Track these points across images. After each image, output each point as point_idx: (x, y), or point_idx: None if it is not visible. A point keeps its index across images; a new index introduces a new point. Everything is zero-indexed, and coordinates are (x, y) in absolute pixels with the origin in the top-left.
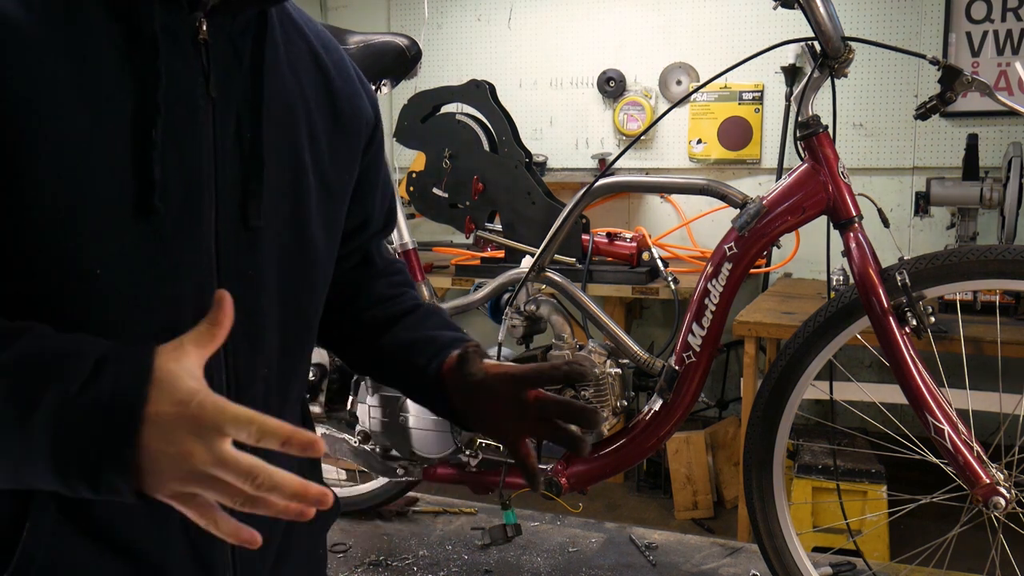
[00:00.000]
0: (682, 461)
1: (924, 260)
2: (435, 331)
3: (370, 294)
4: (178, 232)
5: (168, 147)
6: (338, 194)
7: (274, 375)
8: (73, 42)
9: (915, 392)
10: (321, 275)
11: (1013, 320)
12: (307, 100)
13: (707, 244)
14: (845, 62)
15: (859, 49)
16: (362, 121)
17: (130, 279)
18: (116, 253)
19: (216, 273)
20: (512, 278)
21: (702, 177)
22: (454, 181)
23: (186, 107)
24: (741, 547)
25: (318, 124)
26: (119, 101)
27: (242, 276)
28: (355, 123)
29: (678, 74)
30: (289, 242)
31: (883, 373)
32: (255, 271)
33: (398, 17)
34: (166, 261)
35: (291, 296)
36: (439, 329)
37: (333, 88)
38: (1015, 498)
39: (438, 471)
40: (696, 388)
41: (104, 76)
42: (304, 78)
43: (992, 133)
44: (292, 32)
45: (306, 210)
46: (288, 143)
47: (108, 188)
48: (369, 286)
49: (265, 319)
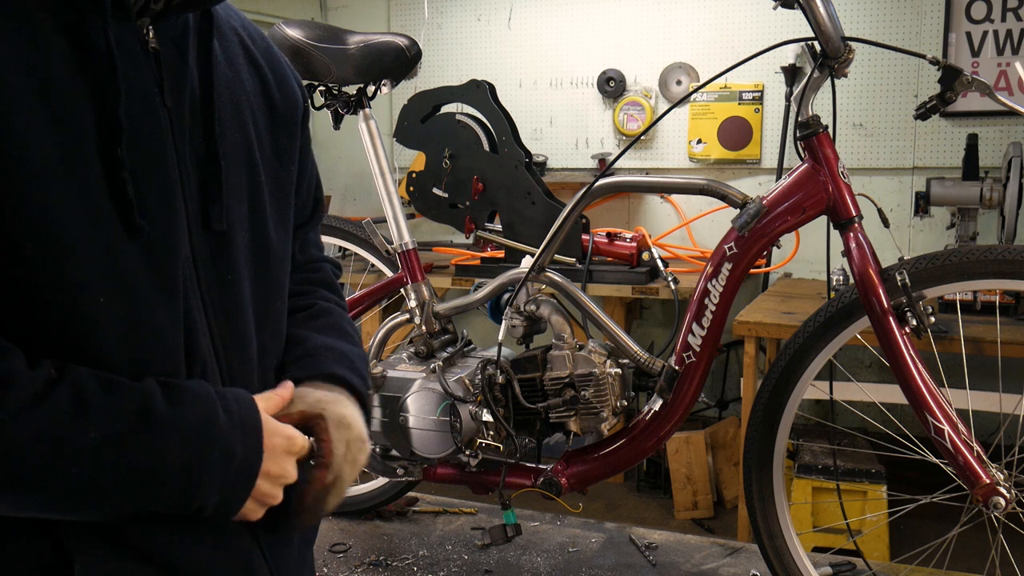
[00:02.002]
0: (682, 461)
1: (924, 260)
2: (307, 332)
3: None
4: (163, 246)
5: (137, 163)
6: (286, 188)
7: (257, 376)
8: (32, 61)
9: (915, 392)
10: (284, 273)
11: (1013, 320)
12: (248, 95)
13: (707, 244)
14: (845, 62)
15: (859, 49)
16: (297, 109)
17: (127, 299)
18: (112, 274)
19: (197, 282)
20: (512, 278)
21: (702, 177)
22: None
23: (148, 120)
24: (741, 547)
25: (260, 119)
26: (83, 120)
27: (221, 282)
28: (290, 112)
29: (678, 74)
30: (252, 243)
31: (883, 373)
32: (232, 276)
33: (398, 17)
34: (156, 275)
35: (263, 297)
36: (315, 332)
37: (266, 79)
38: (1015, 498)
39: (438, 471)
40: (696, 388)
41: (65, 95)
42: (242, 72)
43: (992, 133)
44: (224, 26)
45: (263, 209)
46: (240, 142)
47: (89, 211)
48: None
49: (245, 321)
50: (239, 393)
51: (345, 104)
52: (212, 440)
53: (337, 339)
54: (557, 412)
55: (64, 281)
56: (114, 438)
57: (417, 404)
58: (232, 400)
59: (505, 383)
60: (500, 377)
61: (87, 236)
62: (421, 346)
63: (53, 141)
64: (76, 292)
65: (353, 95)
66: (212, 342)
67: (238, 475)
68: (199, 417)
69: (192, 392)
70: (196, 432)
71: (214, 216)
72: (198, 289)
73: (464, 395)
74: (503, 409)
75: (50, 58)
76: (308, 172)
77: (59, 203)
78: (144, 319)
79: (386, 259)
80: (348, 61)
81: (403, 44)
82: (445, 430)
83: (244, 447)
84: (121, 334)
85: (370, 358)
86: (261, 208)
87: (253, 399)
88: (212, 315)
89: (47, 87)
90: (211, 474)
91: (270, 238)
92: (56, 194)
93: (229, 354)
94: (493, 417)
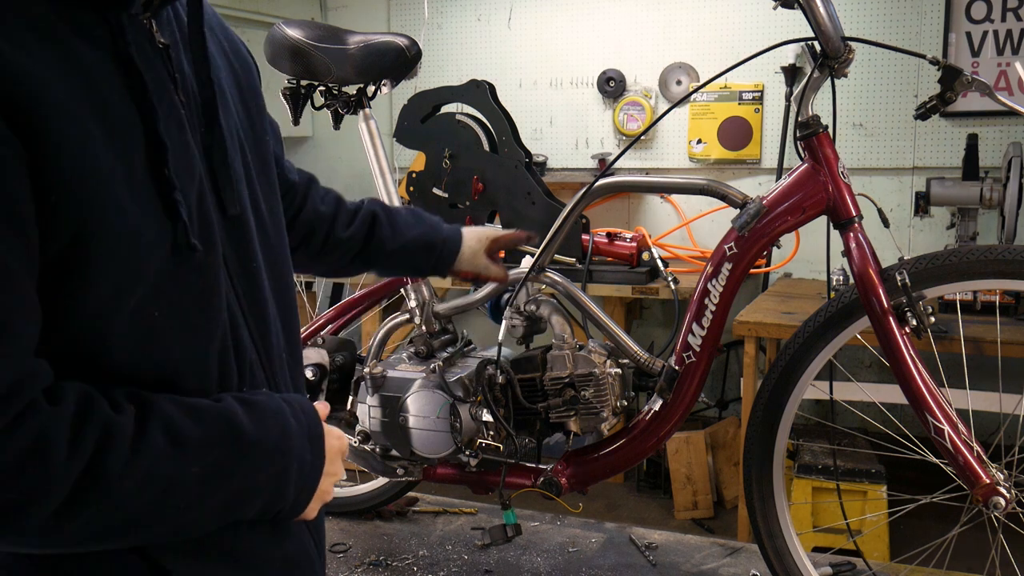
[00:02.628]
0: (682, 461)
1: (924, 260)
2: (422, 229)
3: (318, 216)
4: (207, 257)
5: (178, 176)
6: (267, 159)
7: (285, 350)
8: (84, 85)
9: (915, 392)
10: (286, 248)
11: (1013, 320)
12: (225, 75)
13: (707, 244)
14: (845, 62)
15: (859, 49)
16: (253, 75)
17: (180, 313)
18: (167, 291)
19: (229, 277)
20: (512, 278)
21: (702, 177)
22: (454, 181)
23: (176, 125)
24: (741, 547)
25: (236, 96)
26: (135, 139)
27: (246, 272)
28: (251, 81)
29: (678, 74)
30: (258, 223)
31: (883, 373)
32: (254, 264)
33: (398, 17)
34: (204, 285)
35: (277, 274)
36: (417, 226)
37: (227, 53)
38: (1015, 498)
39: (438, 471)
40: (696, 388)
41: (117, 115)
42: (217, 53)
43: (992, 133)
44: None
45: (255, 187)
46: (232, 126)
47: (151, 231)
48: (314, 210)
49: (267, 303)
50: (303, 403)
51: (345, 104)
52: (290, 452)
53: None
54: (557, 412)
55: (126, 300)
56: (212, 467)
57: (417, 404)
58: (300, 411)
59: (505, 383)
60: (500, 377)
61: (149, 254)
62: (421, 346)
63: (118, 163)
64: (137, 309)
65: (353, 95)
66: (251, 335)
67: (308, 480)
68: (277, 432)
69: (267, 408)
70: (277, 447)
71: (228, 201)
72: (231, 284)
73: (464, 395)
74: (503, 409)
75: (98, 80)
76: (271, 127)
77: (130, 224)
78: (191, 326)
79: None
80: (348, 61)
81: (403, 44)
82: (445, 430)
83: (312, 455)
84: (174, 343)
85: (370, 358)
86: (255, 187)
87: (315, 408)
88: (247, 307)
89: (103, 109)
90: (290, 483)
91: (270, 215)
92: (127, 215)
93: (262, 336)
94: (493, 417)
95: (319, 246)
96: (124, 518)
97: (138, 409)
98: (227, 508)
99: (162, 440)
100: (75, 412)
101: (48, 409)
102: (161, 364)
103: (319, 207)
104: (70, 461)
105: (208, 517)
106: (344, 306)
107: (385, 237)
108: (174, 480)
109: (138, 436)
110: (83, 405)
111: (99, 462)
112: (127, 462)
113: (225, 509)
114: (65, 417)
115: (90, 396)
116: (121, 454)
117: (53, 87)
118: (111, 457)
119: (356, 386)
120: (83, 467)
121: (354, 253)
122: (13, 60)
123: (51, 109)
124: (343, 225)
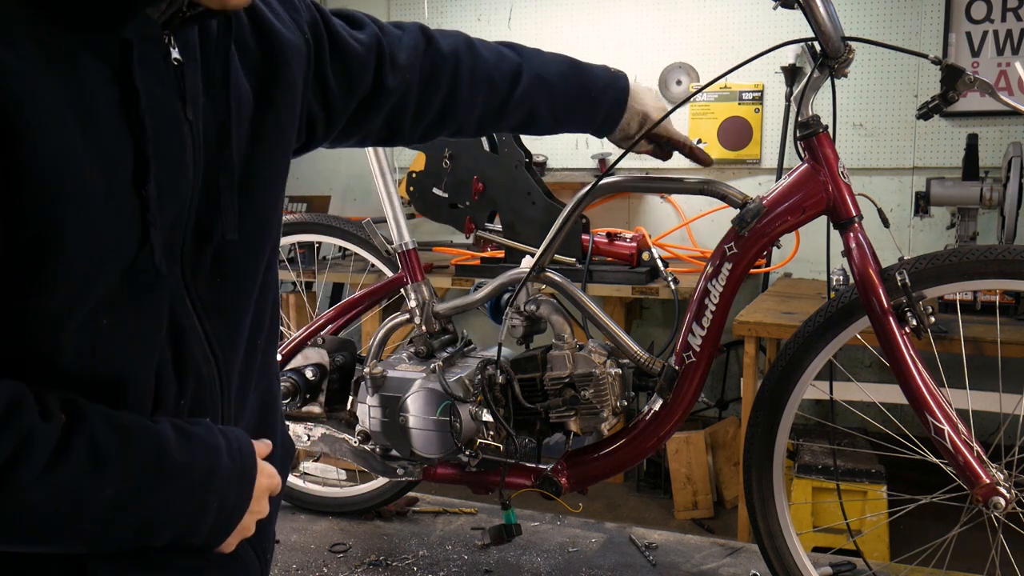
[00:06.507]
0: (682, 461)
1: (924, 260)
2: (582, 88)
3: (437, 74)
4: (168, 277)
5: (161, 195)
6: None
7: (259, 361)
8: (79, 100)
9: (915, 392)
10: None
11: (1013, 320)
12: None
13: (707, 244)
14: (845, 62)
15: (859, 49)
16: (294, 66)
17: (129, 325)
18: (119, 303)
19: (190, 295)
20: (512, 278)
21: (701, 177)
22: (454, 181)
23: (171, 139)
24: (741, 547)
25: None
26: (123, 156)
27: (218, 288)
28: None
29: (678, 74)
30: (245, 239)
31: (883, 373)
32: (221, 278)
33: (398, 17)
34: (156, 302)
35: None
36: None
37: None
38: (1015, 498)
39: (438, 471)
40: (696, 388)
41: (109, 132)
42: (246, 61)
43: (992, 133)
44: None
45: (253, 196)
46: (239, 142)
47: (116, 246)
48: (435, 71)
49: (236, 324)
50: (242, 440)
51: None
52: (213, 491)
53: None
54: (557, 412)
55: (79, 308)
56: (127, 493)
57: (417, 404)
58: (236, 448)
59: (505, 383)
60: (500, 377)
61: (111, 267)
62: (421, 346)
63: (98, 174)
64: (87, 318)
65: None
66: (208, 345)
67: (229, 519)
68: (204, 468)
69: (201, 441)
70: (200, 484)
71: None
72: (189, 300)
73: (464, 395)
74: (503, 409)
75: (93, 92)
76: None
77: (95, 236)
78: (138, 338)
79: (386, 259)
80: None
81: None
82: (445, 430)
83: (237, 495)
84: (117, 353)
85: (370, 358)
86: (252, 200)
87: (252, 446)
88: (209, 327)
89: (91, 120)
90: (206, 520)
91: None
92: (94, 225)
93: (224, 350)
94: (493, 417)
95: (471, 130)
96: (28, 526)
97: (68, 420)
98: (137, 533)
99: (84, 457)
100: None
101: None
102: (106, 372)
103: (464, 95)
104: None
105: (116, 538)
106: (344, 306)
107: (544, 122)
108: (85, 499)
109: (59, 449)
110: (9, 407)
111: (10, 467)
112: (41, 473)
113: (135, 534)
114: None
115: (19, 400)
116: (35, 464)
117: (40, 90)
118: (24, 466)
119: (356, 386)
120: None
121: (509, 130)
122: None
123: (33, 109)
124: (497, 113)
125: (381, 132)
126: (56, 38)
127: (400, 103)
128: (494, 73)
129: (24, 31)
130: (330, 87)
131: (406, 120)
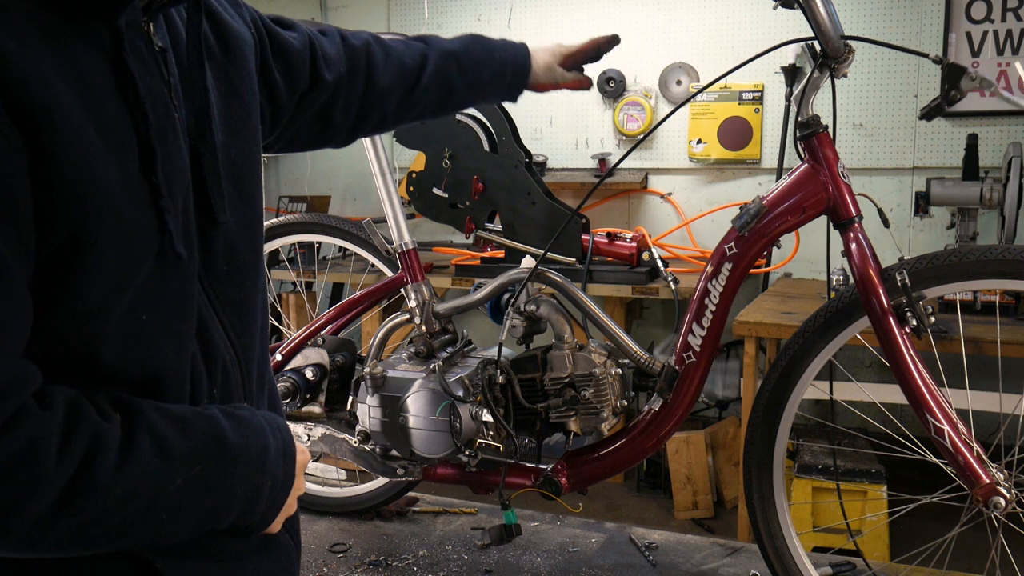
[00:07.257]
0: (682, 461)
1: (924, 260)
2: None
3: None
4: (188, 263)
5: (168, 181)
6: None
7: (260, 351)
8: (84, 91)
9: (915, 392)
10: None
11: (1013, 320)
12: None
13: (707, 244)
14: (845, 62)
15: (859, 49)
16: (248, 57)
17: (163, 316)
18: (152, 295)
19: (203, 281)
20: (512, 278)
21: None
22: (454, 181)
23: (169, 130)
24: (741, 547)
25: (216, 98)
26: (129, 144)
27: (224, 274)
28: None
29: (678, 74)
30: (239, 226)
31: (883, 373)
32: (235, 267)
33: (398, 17)
34: (183, 291)
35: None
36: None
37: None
38: (1015, 498)
39: (438, 471)
40: (696, 388)
41: (114, 121)
42: (208, 52)
43: (992, 133)
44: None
45: (241, 185)
46: (217, 129)
47: (142, 236)
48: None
49: (247, 305)
50: (279, 420)
51: None
52: (266, 470)
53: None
54: (557, 412)
55: (116, 303)
56: (196, 480)
57: (417, 404)
58: (276, 429)
59: (505, 383)
60: (500, 377)
61: (140, 259)
62: (421, 346)
63: (113, 166)
64: (127, 313)
65: None
66: (228, 338)
67: (278, 497)
68: (257, 448)
69: (248, 423)
70: (256, 464)
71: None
72: (203, 288)
73: (464, 395)
74: (503, 409)
75: (94, 84)
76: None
77: (124, 228)
78: (173, 328)
79: (386, 259)
80: None
81: None
82: (445, 430)
83: (285, 474)
84: (155, 344)
85: (370, 358)
86: (240, 185)
87: (288, 425)
88: (223, 311)
89: (98, 113)
90: (262, 499)
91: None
92: (122, 219)
93: (243, 342)
94: (493, 417)
95: (393, 117)
96: (107, 526)
97: (125, 417)
98: (203, 520)
99: (149, 450)
100: (64, 417)
101: (39, 413)
102: (145, 367)
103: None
104: (60, 467)
105: (185, 528)
106: (344, 306)
107: (460, 92)
108: (159, 491)
109: (126, 445)
110: (72, 411)
111: (88, 469)
112: (115, 471)
113: (201, 521)
114: (55, 422)
115: (79, 402)
116: (109, 462)
117: (56, 89)
118: (100, 465)
119: (356, 386)
120: (72, 473)
121: (430, 112)
122: (21, 63)
123: (55, 111)
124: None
125: (313, 128)
126: (54, 27)
127: (332, 97)
128: (404, 57)
129: (24, 20)
130: (276, 82)
131: (336, 114)
